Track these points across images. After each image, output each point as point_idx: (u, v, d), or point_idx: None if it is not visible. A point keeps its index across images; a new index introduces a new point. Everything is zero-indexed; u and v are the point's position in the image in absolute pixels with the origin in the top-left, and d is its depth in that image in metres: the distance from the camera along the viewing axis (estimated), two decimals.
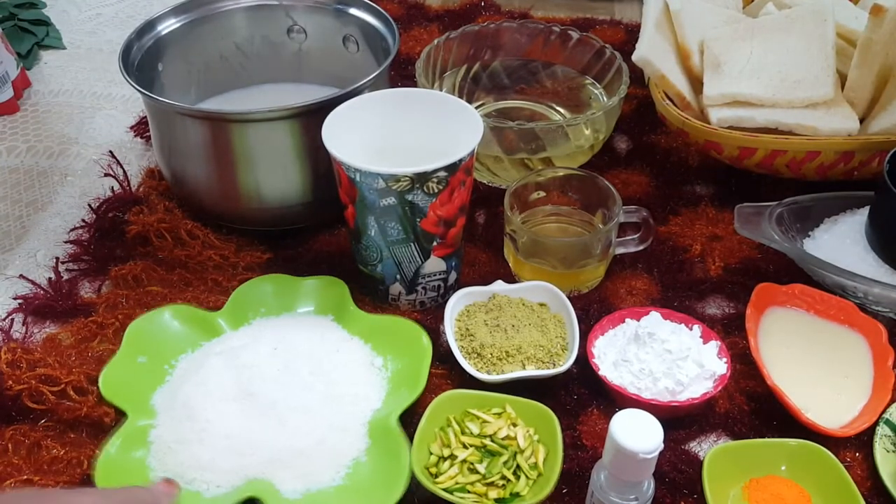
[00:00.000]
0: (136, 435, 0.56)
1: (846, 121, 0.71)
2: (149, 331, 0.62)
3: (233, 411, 0.55)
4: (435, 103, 0.66)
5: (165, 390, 0.59)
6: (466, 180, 0.61)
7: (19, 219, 0.78)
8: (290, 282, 0.66)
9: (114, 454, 0.54)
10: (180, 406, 0.56)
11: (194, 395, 0.57)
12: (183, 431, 0.55)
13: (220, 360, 0.59)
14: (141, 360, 0.61)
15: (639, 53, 0.74)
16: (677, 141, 0.84)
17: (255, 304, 0.65)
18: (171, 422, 0.56)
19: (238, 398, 0.56)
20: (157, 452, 0.55)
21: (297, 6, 0.80)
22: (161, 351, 0.61)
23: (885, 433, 0.56)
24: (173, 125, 0.69)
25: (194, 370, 0.59)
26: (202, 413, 0.55)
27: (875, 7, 0.68)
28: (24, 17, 1.01)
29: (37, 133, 0.88)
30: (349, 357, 0.61)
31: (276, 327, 0.63)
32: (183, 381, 0.59)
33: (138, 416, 0.57)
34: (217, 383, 0.57)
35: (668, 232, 0.74)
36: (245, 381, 0.57)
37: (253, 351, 0.59)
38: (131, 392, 0.58)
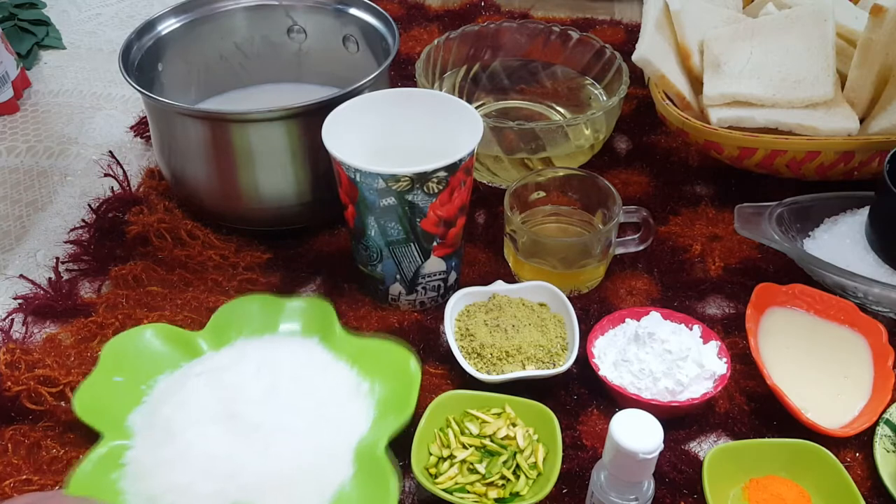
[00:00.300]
0: (111, 456, 0.53)
1: (846, 121, 0.71)
2: (126, 350, 0.60)
3: (214, 433, 0.53)
4: (435, 103, 0.66)
5: (143, 411, 0.57)
6: (466, 180, 0.61)
7: (19, 219, 0.78)
8: (275, 302, 0.64)
9: (87, 475, 0.52)
10: (159, 427, 0.54)
11: (174, 415, 0.54)
12: (161, 453, 0.53)
13: (201, 381, 0.57)
14: (117, 379, 0.58)
15: (639, 53, 0.74)
16: (677, 141, 0.84)
17: (238, 323, 0.63)
18: (148, 443, 0.54)
19: (220, 419, 0.54)
20: (132, 475, 0.53)
21: (297, 6, 0.80)
22: (139, 370, 0.59)
23: (886, 433, 0.56)
24: (173, 125, 0.69)
25: (174, 391, 0.57)
26: (182, 434, 0.53)
27: (875, 7, 0.68)
28: (24, 17, 1.01)
29: (37, 133, 0.88)
30: (336, 380, 0.58)
31: (260, 348, 0.61)
32: (162, 402, 0.56)
33: (113, 437, 0.55)
34: (198, 404, 0.55)
35: (668, 232, 0.74)
36: (228, 402, 0.55)
37: (236, 371, 0.57)
38: (107, 412, 0.56)
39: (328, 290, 0.68)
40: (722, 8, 0.81)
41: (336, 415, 0.56)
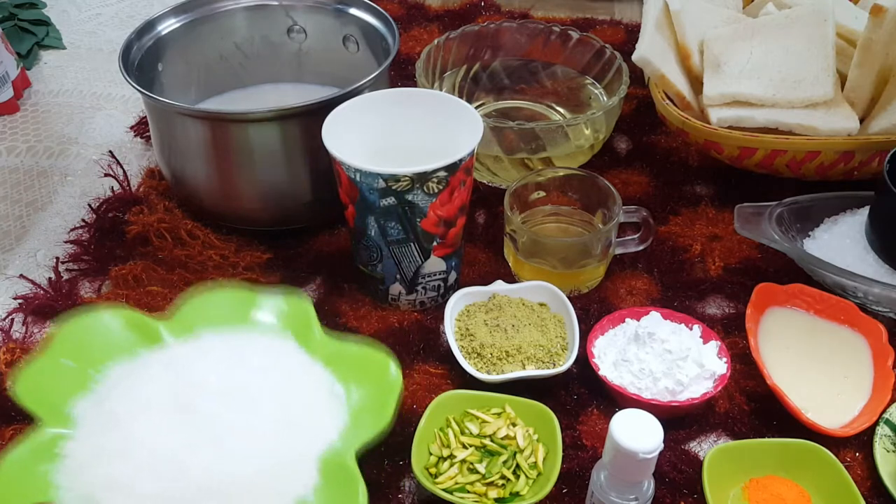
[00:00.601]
0: (47, 445, 0.48)
1: (846, 121, 0.71)
2: (80, 332, 0.56)
3: (165, 425, 0.48)
4: (435, 103, 0.66)
5: (89, 399, 0.52)
6: (466, 180, 0.61)
7: (19, 219, 0.78)
8: (248, 293, 0.60)
9: (15, 464, 0.47)
10: (104, 415, 0.49)
11: (122, 403, 0.49)
12: (101, 443, 0.48)
13: (158, 370, 0.53)
14: (66, 362, 0.54)
15: (639, 53, 0.74)
16: (677, 141, 0.84)
17: (206, 313, 0.58)
18: (89, 434, 0.49)
19: (173, 410, 0.49)
20: (68, 468, 0.47)
21: (297, 6, 0.80)
22: (91, 355, 0.54)
23: (885, 433, 0.56)
24: (173, 125, 0.69)
25: (127, 378, 0.52)
26: (128, 423, 0.48)
27: (875, 7, 0.68)
28: (24, 17, 1.01)
29: (37, 133, 0.88)
30: (308, 382, 0.54)
31: (227, 342, 0.56)
32: (112, 389, 0.52)
33: (53, 423, 0.50)
34: (152, 393, 0.50)
35: (668, 232, 0.74)
36: (184, 393, 0.50)
37: (198, 363, 0.53)
38: (49, 397, 0.52)
39: (328, 290, 0.68)
40: (722, 8, 0.81)
41: (304, 419, 0.51)
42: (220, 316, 0.58)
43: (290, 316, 0.59)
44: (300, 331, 0.58)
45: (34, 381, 0.52)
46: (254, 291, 0.59)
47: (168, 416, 0.48)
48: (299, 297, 0.59)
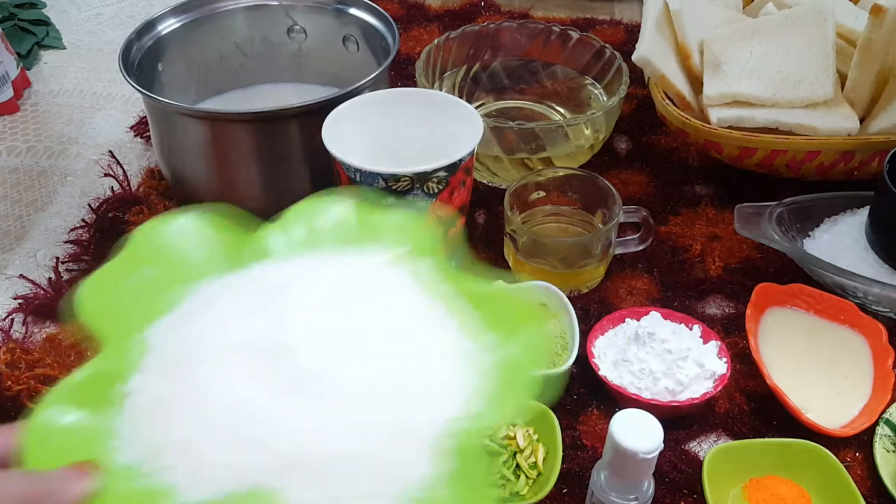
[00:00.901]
0: (109, 377, 0.37)
1: (846, 121, 0.71)
2: (169, 235, 0.43)
3: (249, 374, 0.36)
4: (435, 103, 0.66)
5: (169, 322, 0.40)
6: (466, 180, 0.61)
7: (19, 219, 0.78)
8: (369, 209, 0.47)
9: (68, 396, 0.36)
10: (178, 349, 0.38)
11: (203, 337, 0.38)
12: (173, 387, 0.36)
13: (250, 297, 0.40)
14: (149, 272, 0.41)
15: (639, 53, 0.74)
16: (677, 141, 0.84)
17: (317, 228, 0.46)
18: (160, 371, 0.37)
19: (263, 355, 0.37)
20: (132, 411, 0.36)
21: (297, 6, 0.80)
22: (179, 265, 0.42)
23: (885, 433, 0.56)
24: (173, 125, 0.69)
25: (213, 302, 0.40)
26: (206, 367, 0.36)
27: (875, 7, 0.68)
28: (24, 17, 1.01)
29: (37, 133, 0.88)
30: (428, 332, 0.40)
31: (336, 268, 0.43)
32: (193, 314, 0.40)
33: (120, 350, 0.38)
34: (239, 327, 0.38)
35: (668, 232, 0.74)
36: (280, 330, 0.37)
37: (297, 292, 0.40)
38: (122, 313, 0.39)
39: None
40: (722, 8, 0.81)
41: (422, 383, 0.38)
42: (332, 233, 0.46)
43: (415, 244, 0.45)
44: (423, 262, 0.44)
45: (103, 292, 0.40)
46: (373, 208, 0.47)
47: (253, 362, 0.36)
48: (426, 223, 0.47)
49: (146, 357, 0.37)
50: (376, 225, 0.46)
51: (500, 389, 0.38)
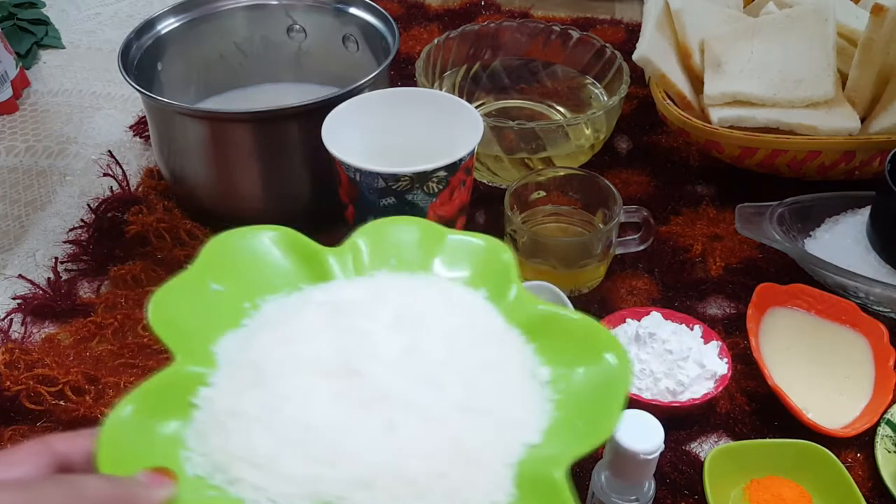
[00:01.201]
0: (180, 387, 0.37)
1: (847, 120, 0.71)
2: (236, 251, 0.44)
3: (323, 392, 0.36)
4: (435, 103, 0.66)
5: (237, 337, 0.40)
6: (466, 180, 0.61)
7: (18, 218, 0.77)
8: (436, 232, 0.47)
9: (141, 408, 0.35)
10: (248, 364, 0.38)
11: (273, 353, 0.38)
12: (243, 401, 0.36)
13: (320, 314, 0.40)
14: (215, 287, 0.42)
15: (639, 53, 0.74)
16: (678, 140, 0.83)
17: (384, 249, 0.46)
18: (230, 384, 0.38)
19: (334, 374, 0.37)
20: (201, 423, 0.36)
21: (297, 5, 0.80)
22: (246, 282, 0.43)
23: (887, 433, 0.56)
24: (172, 125, 0.69)
25: (282, 319, 0.41)
26: (278, 382, 0.36)
27: (876, 6, 0.68)
28: (24, 17, 1.01)
29: (36, 133, 0.88)
30: (504, 356, 0.40)
31: (406, 290, 0.43)
32: (262, 330, 0.40)
33: (189, 361, 0.38)
34: (309, 345, 0.38)
35: (668, 232, 0.73)
36: (350, 351, 0.38)
37: (370, 313, 0.40)
38: (190, 327, 0.40)
39: None
40: (723, 7, 0.81)
41: (498, 407, 0.37)
42: (401, 256, 0.46)
43: (485, 265, 0.45)
44: (497, 286, 0.44)
45: (172, 304, 0.40)
46: (442, 229, 0.47)
47: (326, 379, 0.37)
48: (498, 245, 0.46)
49: (216, 371, 0.38)
50: (446, 248, 0.46)
51: (578, 420, 0.37)
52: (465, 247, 0.46)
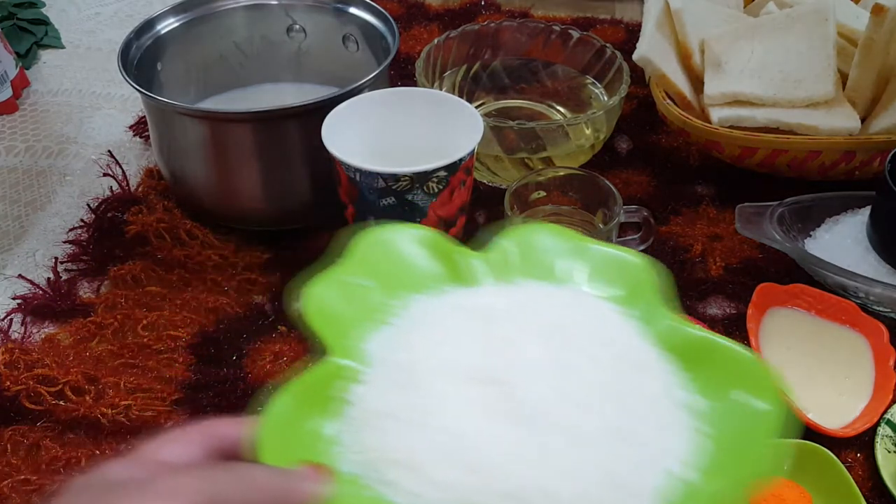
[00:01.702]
0: (335, 381, 0.37)
1: (847, 120, 0.71)
2: (382, 247, 0.43)
3: (474, 400, 0.36)
4: (435, 103, 0.66)
5: (387, 335, 0.40)
6: (466, 180, 0.61)
7: (18, 218, 0.77)
8: (584, 243, 0.45)
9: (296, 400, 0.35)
10: (401, 365, 0.38)
11: (425, 356, 0.38)
12: (396, 402, 0.36)
13: (471, 320, 0.40)
14: (364, 282, 0.42)
15: (639, 53, 0.74)
16: (678, 140, 0.83)
17: (531, 257, 0.44)
18: (380, 382, 0.37)
19: (485, 383, 0.36)
20: (354, 421, 0.36)
21: (297, 5, 0.80)
22: (393, 279, 0.42)
23: (887, 433, 0.56)
24: (172, 125, 0.69)
25: (432, 322, 0.40)
26: (430, 386, 0.36)
27: (876, 6, 0.68)
28: (23, 17, 1.01)
29: (35, 133, 0.88)
30: (650, 379, 0.39)
31: (555, 302, 0.41)
32: (413, 331, 0.40)
33: (342, 355, 0.38)
34: (460, 351, 0.38)
35: (668, 232, 0.73)
36: (501, 361, 0.37)
37: (520, 323, 0.39)
38: (341, 321, 0.40)
39: None
40: (723, 7, 0.81)
41: (647, 434, 0.36)
42: (548, 267, 0.44)
43: (636, 284, 0.43)
44: (648, 308, 0.42)
45: (324, 297, 0.40)
46: (590, 242, 0.45)
47: (476, 386, 0.36)
48: (650, 264, 0.44)
49: (368, 369, 0.38)
50: (594, 261, 0.44)
51: (728, 457, 0.35)
52: (616, 262, 0.44)
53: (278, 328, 0.65)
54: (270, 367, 0.62)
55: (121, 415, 0.58)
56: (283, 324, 0.65)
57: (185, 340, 0.64)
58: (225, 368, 0.62)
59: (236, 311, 0.66)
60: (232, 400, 0.60)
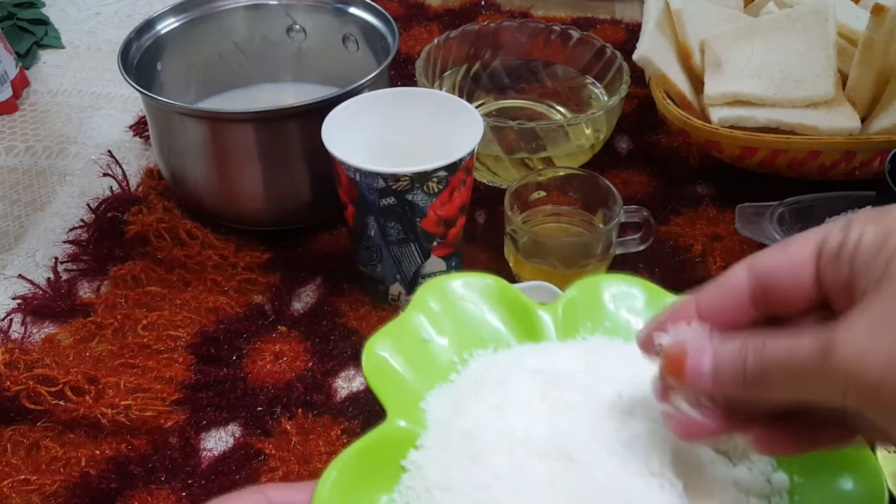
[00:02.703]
0: (390, 445, 0.36)
1: (847, 120, 0.71)
2: (448, 299, 0.41)
3: (537, 475, 0.33)
4: (435, 103, 0.66)
5: (445, 395, 0.38)
6: (467, 180, 0.61)
7: (18, 219, 0.77)
8: (659, 295, 0.42)
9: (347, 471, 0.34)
10: (460, 432, 0.35)
11: (485, 423, 0.35)
12: (454, 474, 0.34)
13: (533, 384, 0.37)
14: (425, 336, 0.40)
15: (639, 53, 0.74)
16: (678, 140, 0.83)
17: (600, 308, 0.42)
18: (440, 449, 0.35)
19: (548, 456, 0.34)
20: (409, 490, 0.34)
21: (297, 5, 0.80)
22: (455, 333, 0.40)
23: None
24: (172, 125, 0.69)
25: (493, 383, 0.37)
26: (490, 458, 0.34)
27: (876, 6, 0.68)
28: (24, 17, 1.01)
29: (35, 133, 0.88)
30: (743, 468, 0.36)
31: (625, 362, 0.38)
32: (474, 392, 0.37)
33: (399, 416, 0.36)
34: (522, 419, 0.35)
35: (669, 232, 0.73)
36: (565, 432, 0.34)
37: (586, 387, 0.36)
38: (401, 379, 0.38)
39: (328, 290, 0.68)
40: (723, 7, 0.81)
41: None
42: (617, 317, 0.41)
43: None
44: None
45: (385, 350, 0.39)
46: (665, 294, 0.42)
47: (539, 460, 0.33)
48: None
49: (425, 431, 0.36)
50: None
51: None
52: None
53: (278, 328, 0.65)
54: (270, 367, 0.62)
55: (121, 415, 0.58)
56: (283, 324, 0.65)
57: (184, 340, 0.64)
58: (225, 368, 0.62)
59: (236, 311, 0.66)
60: (232, 400, 0.60)
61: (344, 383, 0.61)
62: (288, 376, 0.62)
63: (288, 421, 0.58)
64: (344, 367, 0.62)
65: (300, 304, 0.68)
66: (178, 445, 0.57)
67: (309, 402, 0.60)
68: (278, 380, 0.61)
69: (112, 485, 0.54)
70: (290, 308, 0.67)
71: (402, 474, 0.35)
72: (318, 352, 0.63)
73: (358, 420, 0.59)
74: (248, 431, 0.58)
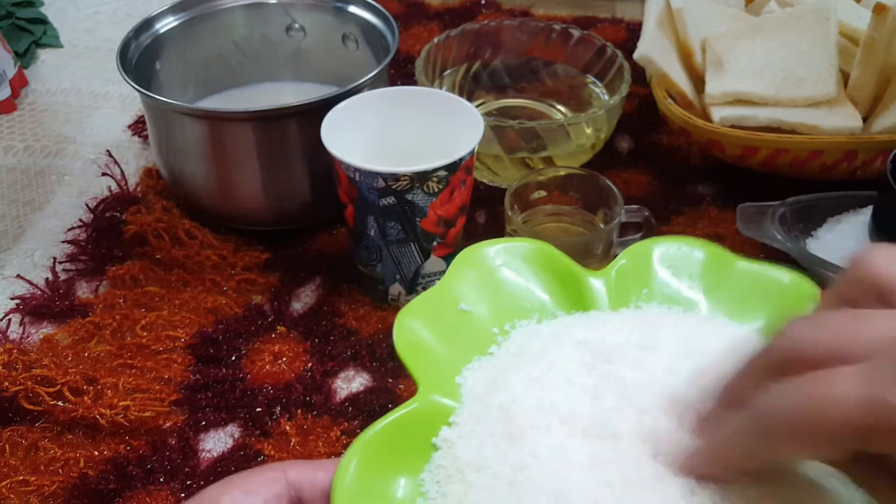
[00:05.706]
0: (421, 422, 0.33)
1: (849, 119, 0.70)
2: (486, 265, 0.38)
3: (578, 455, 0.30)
4: (435, 102, 0.65)
5: (483, 369, 0.35)
6: (467, 179, 0.61)
7: (16, 218, 0.77)
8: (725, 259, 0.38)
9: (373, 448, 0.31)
10: (496, 408, 0.33)
11: (524, 398, 0.32)
12: (488, 453, 0.31)
13: (578, 356, 0.34)
14: (463, 306, 0.37)
15: (640, 52, 0.73)
16: (679, 140, 0.83)
17: (657, 274, 0.39)
18: (475, 426, 0.33)
19: (591, 434, 0.31)
20: (440, 469, 0.32)
21: (296, 4, 0.79)
22: (496, 303, 0.37)
23: None
24: (171, 124, 0.68)
25: (534, 355, 0.35)
26: (528, 436, 0.31)
27: (878, 6, 0.67)
28: (22, 16, 1.01)
29: (34, 132, 0.88)
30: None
31: (683, 334, 0.35)
32: (514, 366, 0.35)
33: (433, 391, 0.34)
34: (565, 394, 0.32)
35: (670, 232, 0.73)
36: (612, 408, 0.31)
37: (637, 361, 0.33)
38: (435, 352, 0.35)
39: (327, 290, 0.68)
40: (724, 6, 0.80)
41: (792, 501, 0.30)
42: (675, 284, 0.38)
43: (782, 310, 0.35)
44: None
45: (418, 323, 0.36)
46: (732, 258, 0.39)
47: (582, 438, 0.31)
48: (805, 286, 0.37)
49: (460, 407, 0.34)
50: (735, 280, 0.37)
51: None
52: (762, 282, 0.37)
53: (277, 328, 0.65)
54: (270, 368, 0.62)
55: (119, 415, 0.57)
56: (282, 324, 0.65)
57: (183, 341, 0.63)
58: (224, 369, 0.62)
59: (235, 311, 0.66)
60: (231, 401, 0.60)
61: (343, 384, 0.61)
62: (287, 377, 0.61)
63: (287, 422, 0.58)
64: (343, 367, 0.62)
65: (299, 304, 0.67)
66: (177, 446, 0.57)
67: (308, 403, 0.59)
68: (277, 380, 0.61)
69: (111, 485, 0.54)
70: (290, 308, 0.67)
71: (433, 452, 0.33)
72: (317, 352, 0.63)
73: (357, 421, 0.59)
74: (248, 432, 0.58)
